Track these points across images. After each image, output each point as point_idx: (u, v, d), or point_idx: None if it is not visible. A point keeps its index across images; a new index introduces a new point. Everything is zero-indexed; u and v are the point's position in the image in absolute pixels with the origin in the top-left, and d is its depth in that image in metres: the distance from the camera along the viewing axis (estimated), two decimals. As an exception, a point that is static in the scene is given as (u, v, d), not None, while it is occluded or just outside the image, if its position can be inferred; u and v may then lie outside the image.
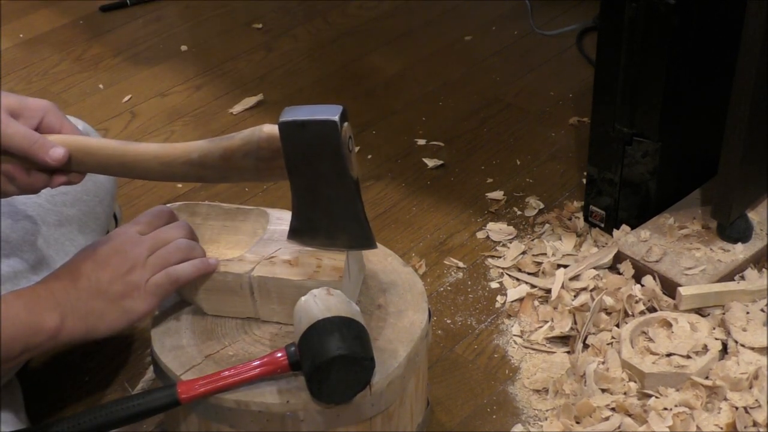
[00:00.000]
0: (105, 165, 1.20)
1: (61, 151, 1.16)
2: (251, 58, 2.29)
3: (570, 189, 1.87)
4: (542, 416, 1.44)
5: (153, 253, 1.20)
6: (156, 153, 1.18)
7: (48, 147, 1.16)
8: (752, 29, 1.40)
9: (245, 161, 1.16)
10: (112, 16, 2.47)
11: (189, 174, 1.19)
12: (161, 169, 1.18)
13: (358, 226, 1.20)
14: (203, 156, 1.17)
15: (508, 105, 2.11)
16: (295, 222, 1.21)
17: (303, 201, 1.19)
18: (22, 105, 1.17)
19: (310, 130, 1.12)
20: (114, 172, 1.22)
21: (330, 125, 1.12)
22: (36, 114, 1.18)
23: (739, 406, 1.37)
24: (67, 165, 1.18)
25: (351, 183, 1.16)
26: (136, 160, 1.19)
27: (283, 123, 1.13)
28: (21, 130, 1.15)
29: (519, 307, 1.61)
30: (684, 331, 1.46)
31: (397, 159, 1.96)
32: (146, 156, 1.18)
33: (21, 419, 1.29)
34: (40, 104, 1.19)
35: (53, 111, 1.20)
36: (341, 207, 1.18)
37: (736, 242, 1.61)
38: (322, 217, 1.20)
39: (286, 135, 1.13)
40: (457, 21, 2.39)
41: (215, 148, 1.16)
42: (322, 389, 1.13)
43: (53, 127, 1.19)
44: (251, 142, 1.15)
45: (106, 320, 1.17)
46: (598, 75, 1.63)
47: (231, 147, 1.16)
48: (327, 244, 1.23)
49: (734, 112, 1.47)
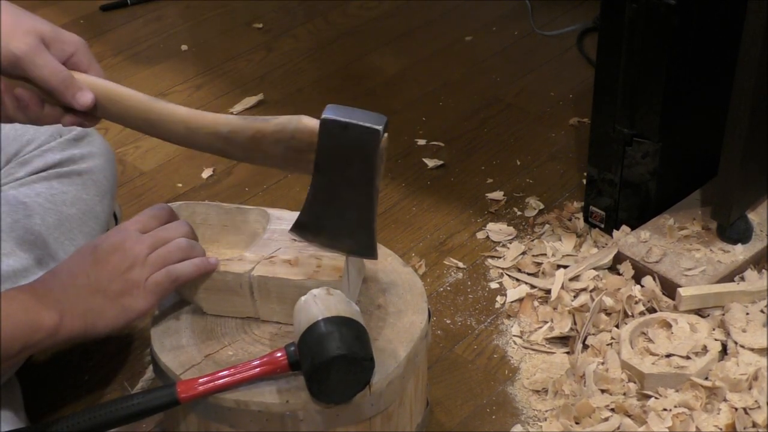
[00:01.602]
0: (128, 116, 1.16)
1: (89, 96, 1.13)
2: (251, 58, 2.29)
3: (570, 189, 1.87)
4: (542, 417, 1.44)
5: (153, 251, 1.19)
6: (184, 117, 1.16)
7: (77, 89, 1.13)
8: (752, 29, 1.40)
9: (274, 147, 1.15)
10: (112, 16, 2.47)
11: (212, 145, 1.17)
12: (185, 133, 1.16)
13: (365, 235, 1.20)
14: (233, 132, 1.15)
15: (508, 105, 2.11)
16: (303, 216, 1.21)
17: (318, 198, 1.18)
18: (55, 35, 1.13)
19: (352, 132, 1.11)
20: (135, 125, 1.18)
21: (373, 133, 1.11)
22: (67, 48, 1.14)
23: (739, 407, 1.37)
24: (91, 110, 1.15)
25: (374, 192, 1.16)
26: (161, 118, 1.16)
27: (327, 120, 1.12)
28: (52, 64, 1.11)
29: (519, 308, 1.61)
30: (684, 331, 1.46)
31: (397, 159, 1.96)
32: (173, 117, 1.16)
33: (20, 418, 1.29)
34: (73, 39, 1.16)
35: (84, 49, 1.16)
36: (355, 212, 1.18)
37: (736, 243, 1.61)
38: (333, 218, 1.19)
39: (326, 132, 1.12)
40: (458, 21, 2.39)
41: (247, 127, 1.15)
42: (321, 389, 1.13)
43: (81, 65, 1.15)
44: (286, 130, 1.14)
45: (104, 318, 1.17)
46: (598, 75, 1.63)
47: (264, 130, 1.14)
48: (328, 245, 1.22)
49: (734, 112, 1.47)
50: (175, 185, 1.91)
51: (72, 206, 1.42)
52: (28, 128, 1.45)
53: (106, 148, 1.51)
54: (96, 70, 1.17)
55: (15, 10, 1.13)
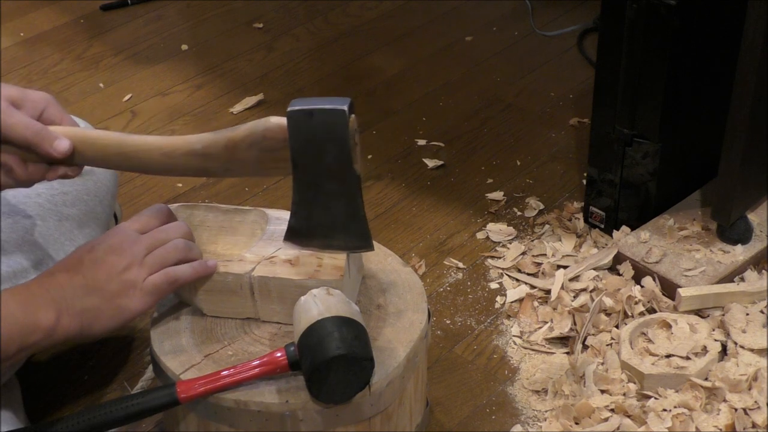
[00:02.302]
0: (106, 156, 1.19)
1: (66, 143, 1.16)
2: (252, 58, 2.29)
3: (570, 190, 1.87)
4: (541, 417, 1.44)
5: (150, 252, 1.19)
6: (158, 144, 1.18)
7: (52, 138, 1.15)
8: (753, 30, 1.40)
9: (249, 152, 1.16)
10: (112, 15, 2.47)
11: (191, 166, 1.18)
12: (163, 160, 1.18)
13: (357, 225, 1.20)
14: (206, 147, 1.16)
15: (508, 105, 2.11)
16: (293, 221, 1.21)
17: (304, 197, 1.19)
18: (23, 96, 1.17)
19: (317, 118, 1.13)
20: (115, 164, 1.21)
21: (338, 114, 1.13)
22: (37, 106, 1.18)
23: (739, 407, 1.37)
24: (69, 157, 1.17)
25: (354, 177, 1.16)
26: (137, 151, 1.18)
27: (292, 111, 1.13)
28: (24, 121, 1.14)
29: (518, 308, 1.61)
30: (683, 332, 1.46)
31: (397, 159, 1.96)
32: (148, 147, 1.18)
33: (20, 418, 1.29)
34: (41, 96, 1.19)
35: (53, 104, 1.19)
36: (342, 203, 1.18)
37: (735, 244, 1.61)
38: (322, 215, 1.19)
39: (293, 124, 1.13)
40: (458, 21, 2.39)
41: (219, 138, 1.16)
42: (321, 389, 1.13)
43: (53, 119, 1.18)
44: (256, 132, 1.15)
45: (101, 318, 1.16)
46: (598, 76, 1.63)
47: (235, 137, 1.16)
48: (324, 246, 1.22)
49: (734, 113, 1.47)
50: (175, 185, 1.91)
51: (72, 207, 1.42)
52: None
53: (106, 149, 1.51)
54: (68, 120, 1.20)
55: None
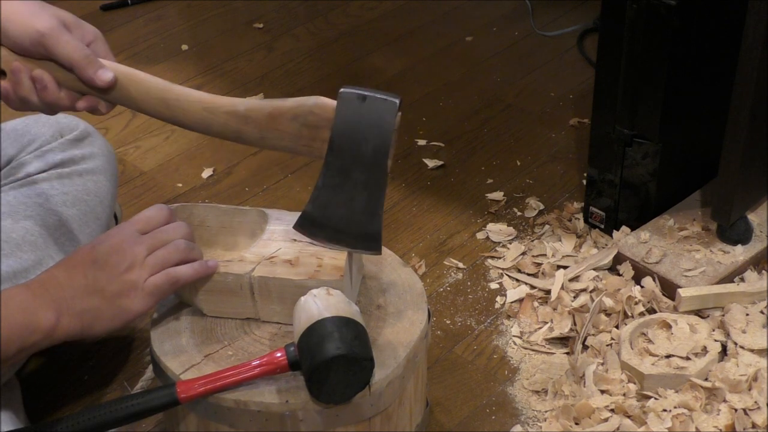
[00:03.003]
0: (146, 98, 1.19)
1: (110, 74, 1.16)
2: (252, 58, 2.29)
3: (570, 190, 1.87)
4: (541, 417, 1.44)
5: (152, 252, 1.19)
6: (201, 98, 1.18)
7: (98, 66, 1.15)
8: (753, 30, 1.40)
9: (291, 124, 1.17)
10: (112, 15, 2.47)
11: (228, 126, 1.18)
12: (203, 115, 1.18)
13: (372, 223, 1.20)
14: (250, 110, 1.17)
15: (508, 106, 2.11)
16: (310, 207, 1.21)
17: (330, 182, 1.19)
18: (76, 22, 1.17)
19: (369, 104, 1.14)
20: (153, 109, 1.20)
21: (390, 105, 1.15)
22: (87, 36, 1.18)
23: (738, 407, 1.37)
24: (108, 90, 1.17)
25: (384, 172, 1.17)
26: (179, 100, 1.18)
27: (345, 92, 1.15)
28: (74, 43, 1.14)
29: (518, 308, 1.61)
30: (683, 332, 1.47)
31: (397, 159, 1.96)
32: (190, 98, 1.18)
33: (20, 418, 1.29)
34: (92, 29, 1.19)
35: (102, 40, 1.20)
36: (365, 196, 1.18)
37: (735, 244, 1.61)
38: (342, 205, 1.19)
39: (343, 104, 1.15)
40: (458, 22, 2.39)
41: (265, 104, 1.17)
42: (321, 389, 1.13)
43: (99, 53, 1.18)
44: (304, 105, 1.16)
45: (102, 319, 1.16)
46: (598, 76, 1.63)
47: (281, 107, 1.17)
48: (333, 239, 1.22)
49: (735, 113, 1.47)
50: (175, 185, 1.91)
51: (73, 207, 1.42)
52: (29, 128, 1.45)
53: (107, 149, 1.51)
54: (112, 60, 1.19)
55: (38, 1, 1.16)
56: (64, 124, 1.47)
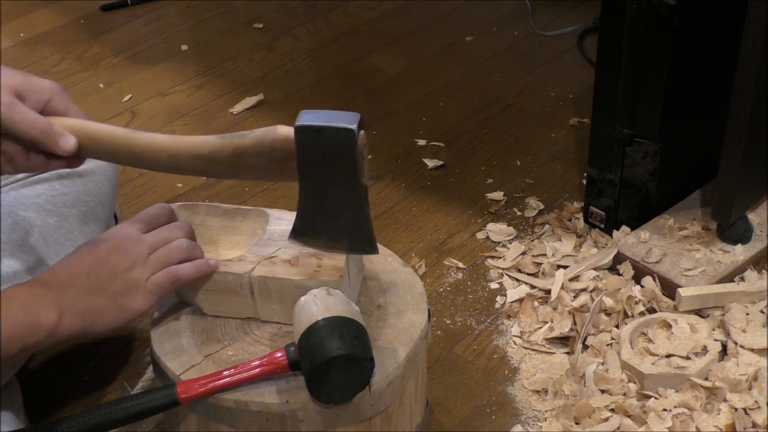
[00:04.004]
0: (111, 152, 1.17)
1: (72, 141, 1.13)
2: (252, 58, 2.29)
3: (570, 190, 1.87)
4: (541, 417, 1.44)
5: (153, 251, 1.19)
6: (164, 144, 1.16)
7: (58, 136, 1.13)
8: (753, 30, 1.40)
9: (256, 160, 1.15)
10: (112, 16, 2.47)
11: (197, 168, 1.17)
12: (169, 161, 1.17)
13: (362, 232, 1.20)
14: (213, 152, 1.15)
15: (508, 105, 2.11)
16: (299, 222, 1.21)
17: (310, 203, 1.18)
18: (27, 85, 1.13)
19: (326, 136, 1.11)
20: (119, 159, 1.19)
21: (347, 133, 1.11)
22: (42, 96, 1.15)
23: (739, 407, 1.37)
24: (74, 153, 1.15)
25: (361, 190, 1.16)
26: (143, 149, 1.17)
27: (300, 127, 1.12)
28: (29, 118, 1.11)
29: (519, 308, 1.61)
30: (683, 332, 1.46)
31: (397, 159, 1.96)
32: (154, 146, 1.16)
33: (21, 419, 1.29)
34: (47, 85, 1.16)
35: (59, 92, 1.16)
36: (348, 212, 1.18)
37: (735, 243, 1.61)
38: (328, 220, 1.19)
39: (301, 139, 1.12)
40: (458, 21, 2.39)
41: (227, 144, 1.15)
42: (321, 389, 1.13)
43: (58, 110, 1.16)
44: (264, 142, 1.14)
45: (103, 317, 1.16)
46: (598, 76, 1.63)
47: (243, 145, 1.14)
48: (328, 247, 1.22)
49: (735, 113, 1.47)
50: (175, 185, 1.91)
51: (73, 207, 1.42)
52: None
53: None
54: (74, 111, 1.17)
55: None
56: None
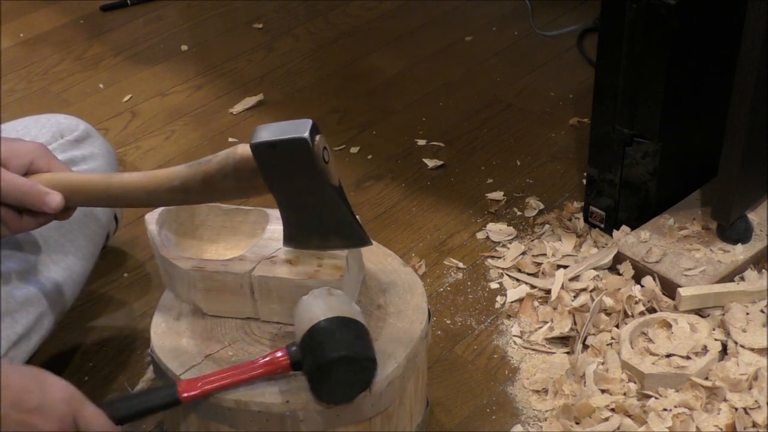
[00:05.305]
0: (93, 199, 1.22)
1: (57, 198, 1.18)
2: (252, 58, 2.29)
3: (570, 190, 1.87)
4: (542, 417, 1.44)
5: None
6: (140, 183, 1.19)
7: (43, 195, 1.17)
8: (753, 30, 1.40)
9: (226, 182, 1.16)
10: (112, 16, 2.47)
11: (175, 199, 1.20)
12: (147, 198, 1.20)
13: (348, 228, 1.20)
14: (185, 182, 1.17)
15: (508, 105, 2.11)
16: (287, 230, 1.22)
17: (289, 212, 1.19)
18: (10, 152, 1.18)
19: (281, 149, 1.12)
20: (103, 204, 1.25)
21: (300, 143, 1.12)
22: (24, 159, 1.19)
23: (739, 407, 1.37)
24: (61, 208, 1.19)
25: (332, 192, 1.16)
26: (121, 191, 1.20)
27: (254, 145, 1.13)
28: (13, 181, 1.16)
29: (519, 308, 1.61)
30: (684, 331, 1.47)
31: (397, 159, 1.97)
32: (131, 187, 1.20)
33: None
34: (28, 148, 1.21)
35: (41, 152, 1.21)
36: (327, 213, 1.18)
37: (735, 243, 1.61)
38: (312, 224, 1.20)
39: (259, 156, 1.13)
40: (458, 21, 2.40)
41: (195, 172, 1.17)
42: (323, 389, 1.13)
43: (41, 169, 1.21)
44: (227, 165, 1.15)
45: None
46: (598, 76, 1.63)
47: (209, 171, 1.16)
48: (323, 246, 1.23)
49: (734, 113, 1.47)
50: (176, 185, 1.91)
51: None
52: (29, 129, 1.45)
53: (107, 149, 1.51)
54: (57, 166, 1.22)
55: None
56: (65, 125, 1.47)
